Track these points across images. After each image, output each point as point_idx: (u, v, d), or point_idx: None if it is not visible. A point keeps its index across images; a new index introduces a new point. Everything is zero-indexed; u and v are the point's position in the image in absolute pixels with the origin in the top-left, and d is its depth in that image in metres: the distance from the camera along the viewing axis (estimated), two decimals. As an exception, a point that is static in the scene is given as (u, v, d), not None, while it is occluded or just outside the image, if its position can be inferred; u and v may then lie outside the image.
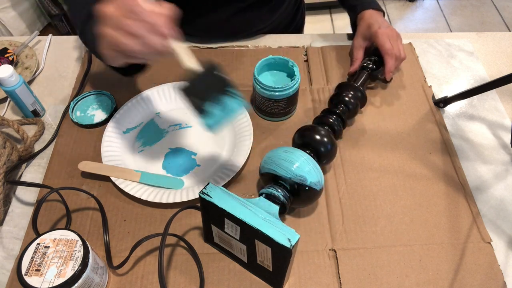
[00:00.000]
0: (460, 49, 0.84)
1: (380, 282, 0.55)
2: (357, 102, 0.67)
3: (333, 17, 2.24)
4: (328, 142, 0.60)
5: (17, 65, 0.79)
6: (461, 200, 0.63)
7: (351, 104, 0.66)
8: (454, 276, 0.55)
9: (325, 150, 0.60)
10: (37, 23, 1.58)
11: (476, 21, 2.24)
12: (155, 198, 0.60)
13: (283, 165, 0.55)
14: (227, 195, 0.49)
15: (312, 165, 0.55)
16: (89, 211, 0.61)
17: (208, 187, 0.50)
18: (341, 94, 0.67)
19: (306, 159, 0.55)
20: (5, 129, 0.71)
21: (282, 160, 0.55)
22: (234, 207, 0.48)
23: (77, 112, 0.72)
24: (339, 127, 0.64)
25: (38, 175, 0.65)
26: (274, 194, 0.54)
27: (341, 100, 0.66)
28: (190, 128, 0.70)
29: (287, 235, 0.45)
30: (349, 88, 0.68)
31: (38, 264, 0.46)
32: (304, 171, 0.54)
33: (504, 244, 0.59)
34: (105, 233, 0.57)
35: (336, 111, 0.65)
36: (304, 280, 0.55)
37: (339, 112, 0.65)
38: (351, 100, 0.66)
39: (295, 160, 0.55)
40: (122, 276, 0.55)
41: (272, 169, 0.56)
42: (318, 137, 0.60)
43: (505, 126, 0.72)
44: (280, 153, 0.56)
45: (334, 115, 0.65)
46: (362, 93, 0.68)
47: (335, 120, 0.64)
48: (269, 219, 0.47)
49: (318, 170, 0.55)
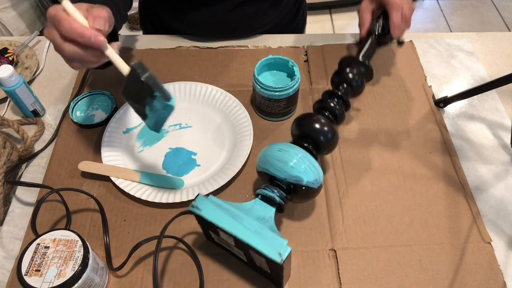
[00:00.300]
0: (460, 49, 0.84)
1: (380, 282, 0.55)
2: (362, 79, 0.61)
3: (333, 17, 2.24)
4: (328, 131, 0.56)
5: (17, 65, 0.79)
6: (461, 200, 0.63)
7: (355, 82, 0.60)
8: (454, 276, 0.55)
9: (324, 139, 0.56)
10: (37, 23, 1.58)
11: (476, 21, 2.24)
12: (155, 198, 0.60)
13: (277, 165, 0.52)
14: (217, 207, 0.48)
15: (308, 163, 0.52)
16: (89, 211, 0.61)
17: (198, 199, 0.49)
18: (343, 71, 0.61)
19: (302, 157, 0.52)
20: (5, 129, 0.71)
21: (276, 160, 0.52)
22: (224, 221, 0.47)
23: (77, 112, 0.72)
24: (340, 111, 0.59)
25: (38, 175, 0.65)
26: (270, 196, 0.52)
27: (343, 78, 0.61)
28: (190, 128, 0.70)
29: (278, 249, 0.44)
30: (352, 63, 0.61)
31: (38, 264, 0.46)
32: (300, 171, 0.51)
33: (504, 244, 0.59)
34: (105, 235, 0.57)
35: (337, 93, 0.59)
36: (304, 280, 0.55)
37: (341, 94, 0.59)
38: (355, 78, 0.60)
39: (289, 159, 0.52)
40: (122, 276, 0.55)
41: (267, 168, 0.54)
42: (317, 126, 0.56)
43: (505, 126, 0.72)
44: (274, 152, 0.53)
45: (335, 98, 0.60)
46: (367, 67, 0.62)
47: (337, 104, 0.59)
48: (260, 231, 0.46)
49: (315, 168, 0.53)
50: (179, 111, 0.72)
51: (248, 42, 0.84)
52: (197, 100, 0.73)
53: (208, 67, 0.79)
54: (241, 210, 0.50)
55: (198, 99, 0.73)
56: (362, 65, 0.62)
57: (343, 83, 0.61)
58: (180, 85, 0.73)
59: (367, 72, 0.62)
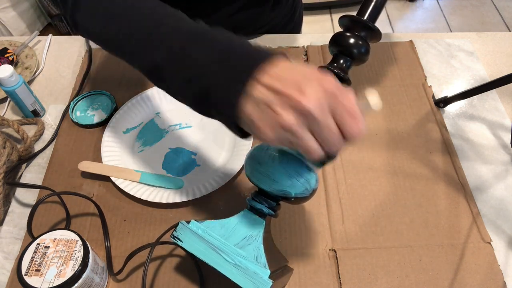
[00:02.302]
0: (460, 49, 0.84)
1: (380, 282, 0.55)
2: (366, 46, 0.49)
3: (333, 17, 2.24)
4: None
5: (17, 65, 0.79)
6: (461, 200, 0.63)
7: (357, 50, 0.48)
8: (454, 276, 0.55)
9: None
10: (37, 23, 1.58)
11: (476, 21, 2.24)
12: (155, 198, 0.60)
13: (262, 180, 0.47)
14: (198, 238, 0.45)
15: (295, 176, 0.45)
16: (89, 211, 0.61)
17: (178, 229, 0.46)
18: (342, 37, 0.50)
19: (287, 171, 0.45)
20: (5, 129, 0.71)
21: (260, 174, 0.46)
22: (205, 254, 0.45)
23: (77, 112, 0.72)
24: None
25: (38, 175, 0.65)
26: (258, 208, 0.48)
27: (342, 47, 0.50)
28: (190, 128, 0.70)
29: (258, 285, 0.43)
30: (354, 25, 0.50)
31: (38, 264, 0.46)
32: (286, 186, 0.45)
33: (504, 244, 0.59)
34: (106, 240, 0.57)
35: (333, 70, 0.48)
36: (304, 280, 0.55)
37: (337, 72, 0.48)
38: (357, 44, 0.48)
39: (273, 174, 0.45)
40: (122, 277, 0.55)
41: (251, 180, 0.49)
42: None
43: (505, 126, 0.72)
44: (256, 166, 0.47)
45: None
46: (372, 30, 0.49)
47: None
48: (241, 264, 0.44)
49: (303, 178, 0.46)
50: (179, 111, 0.72)
51: (248, 42, 0.84)
52: (197, 100, 0.73)
53: (208, 67, 0.79)
54: (226, 232, 0.47)
55: (198, 99, 0.73)
56: (366, 28, 0.49)
57: (342, 54, 0.50)
58: None
59: (372, 35, 0.50)
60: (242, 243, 0.46)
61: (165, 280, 0.55)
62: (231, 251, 0.45)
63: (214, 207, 0.61)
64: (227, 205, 0.62)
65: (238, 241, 0.46)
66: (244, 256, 0.44)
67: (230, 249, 0.45)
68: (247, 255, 0.45)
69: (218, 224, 0.48)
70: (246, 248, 0.46)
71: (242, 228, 0.48)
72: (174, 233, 0.47)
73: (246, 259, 0.44)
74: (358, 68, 0.79)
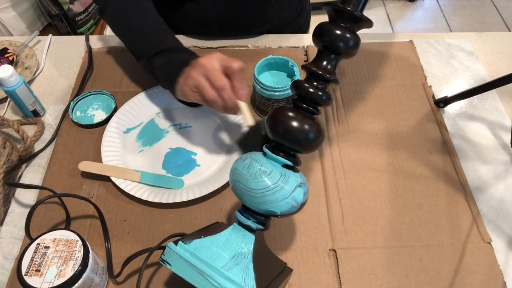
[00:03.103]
0: (460, 49, 0.84)
1: (380, 282, 0.55)
2: (355, 39, 0.45)
3: (333, 17, 2.23)
4: (307, 131, 0.45)
5: (17, 65, 0.79)
6: (461, 200, 0.63)
7: (344, 44, 0.45)
8: (454, 276, 0.55)
9: (305, 144, 0.45)
10: (37, 23, 1.58)
11: (476, 21, 2.24)
12: (155, 198, 0.60)
13: (246, 197, 0.45)
14: (184, 262, 0.45)
15: (280, 194, 0.43)
16: (89, 211, 0.61)
17: (166, 252, 0.45)
18: (325, 30, 0.45)
19: (270, 189, 0.43)
20: (5, 129, 0.71)
21: (245, 191, 0.45)
22: (192, 277, 0.44)
23: (77, 112, 0.72)
24: (323, 97, 0.45)
25: (38, 175, 0.65)
26: (245, 224, 0.47)
27: (326, 42, 0.46)
28: (190, 128, 0.70)
29: None
30: (337, 17, 0.45)
31: (38, 264, 0.46)
32: (270, 206, 0.44)
33: (504, 244, 0.59)
34: (106, 241, 0.57)
35: (316, 71, 0.45)
36: (304, 280, 0.55)
37: (321, 73, 0.45)
38: (344, 37, 0.44)
39: (256, 193, 0.44)
40: (123, 276, 0.55)
41: (236, 195, 0.47)
42: (293, 126, 0.44)
43: (505, 126, 0.72)
44: (239, 184, 0.45)
45: (313, 79, 0.46)
46: (357, 18, 0.45)
47: (316, 87, 0.46)
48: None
49: (290, 195, 0.44)
50: (179, 111, 0.72)
51: (248, 42, 0.84)
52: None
53: (208, 67, 0.79)
54: (215, 251, 0.45)
55: (198, 99, 0.73)
56: (353, 18, 0.45)
57: (327, 50, 0.46)
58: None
59: (361, 25, 0.46)
60: (231, 263, 0.44)
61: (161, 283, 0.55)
62: (218, 274, 0.43)
63: (214, 207, 0.61)
64: (227, 205, 0.62)
65: (226, 261, 0.44)
66: (231, 280, 0.43)
67: (217, 272, 0.43)
68: (235, 278, 0.43)
69: (208, 242, 0.46)
70: (233, 269, 0.44)
71: (232, 244, 0.46)
72: (162, 257, 0.46)
73: (233, 283, 0.43)
74: (358, 68, 0.79)
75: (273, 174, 0.44)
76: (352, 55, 0.47)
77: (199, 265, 0.44)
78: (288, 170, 0.46)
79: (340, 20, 0.45)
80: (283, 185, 0.44)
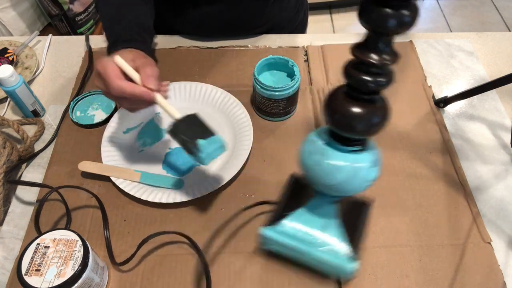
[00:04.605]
0: (460, 49, 0.84)
1: (380, 282, 0.55)
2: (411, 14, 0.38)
3: (333, 17, 2.24)
4: (370, 117, 0.41)
5: (17, 65, 0.79)
6: (461, 200, 0.63)
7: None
8: (454, 276, 0.55)
9: (373, 131, 0.42)
10: (37, 23, 1.58)
11: (476, 21, 2.24)
12: (155, 198, 0.60)
13: (321, 187, 0.45)
14: (281, 245, 0.52)
15: (356, 182, 0.44)
16: (89, 211, 0.61)
17: (262, 239, 0.52)
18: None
19: (344, 181, 0.43)
20: (5, 129, 0.71)
21: (319, 183, 0.45)
22: (293, 255, 0.52)
23: (77, 112, 0.72)
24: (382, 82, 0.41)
25: (38, 175, 0.65)
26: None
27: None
28: (190, 128, 0.70)
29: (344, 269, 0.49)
30: None
31: (38, 264, 0.46)
32: (347, 193, 0.46)
33: (504, 244, 0.59)
34: (105, 230, 0.57)
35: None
36: (304, 280, 0.55)
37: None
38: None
39: (331, 186, 0.44)
40: (122, 276, 0.55)
41: (311, 183, 0.48)
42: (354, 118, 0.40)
43: (505, 126, 0.72)
44: (313, 177, 0.45)
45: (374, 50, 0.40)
46: None
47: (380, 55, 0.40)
48: (325, 254, 0.49)
49: (366, 180, 0.45)
50: (179, 111, 0.72)
51: (248, 42, 0.84)
52: (197, 100, 0.73)
53: (208, 67, 0.79)
54: (303, 227, 0.51)
55: (198, 99, 0.73)
56: None
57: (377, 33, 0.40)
58: (180, 85, 0.73)
59: None
60: (321, 234, 0.50)
61: (171, 279, 0.55)
62: (314, 247, 0.50)
63: (214, 207, 0.61)
64: (227, 205, 0.62)
65: (317, 233, 0.50)
66: (327, 249, 0.49)
67: (313, 245, 0.50)
68: (329, 246, 0.49)
69: (295, 218, 0.51)
70: (326, 238, 0.50)
71: (316, 216, 0.51)
72: (261, 245, 0.54)
73: (329, 251, 0.49)
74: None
75: (344, 167, 0.43)
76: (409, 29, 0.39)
77: (295, 243, 0.50)
78: (359, 155, 0.44)
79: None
80: (357, 173, 0.43)
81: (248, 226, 0.59)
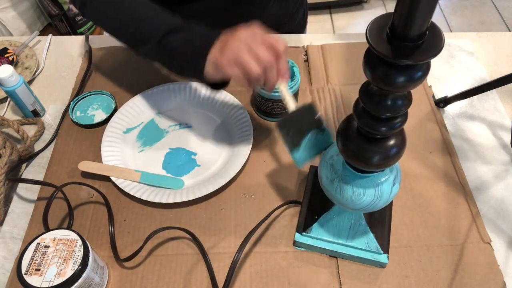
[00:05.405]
0: (460, 49, 0.84)
1: (380, 282, 0.55)
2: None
3: (333, 17, 2.24)
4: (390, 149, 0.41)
5: (17, 65, 0.79)
6: (461, 200, 0.63)
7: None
8: (453, 276, 0.55)
9: (393, 162, 0.42)
10: (37, 23, 1.58)
11: (476, 21, 2.24)
12: (155, 198, 0.60)
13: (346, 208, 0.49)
14: (316, 248, 0.56)
15: (379, 204, 0.46)
16: (90, 211, 0.61)
17: (297, 243, 0.56)
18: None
19: (369, 205, 0.45)
20: (5, 129, 0.71)
21: (343, 206, 0.48)
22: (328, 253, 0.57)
23: (77, 112, 0.72)
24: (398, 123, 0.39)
25: (38, 175, 0.65)
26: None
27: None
28: (190, 128, 0.70)
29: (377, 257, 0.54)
30: None
31: (38, 263, 0.46)
32: (371, 210, 0.47)
33: (504, 244, 0.59)
34: (110, 225, 0.57)
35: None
36: (304, 280, 0.55)
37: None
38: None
39: (357, 210, 0.47)
40: (122, 276, 0.55)
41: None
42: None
43: (505, 126, 0.72)
44: (336, 201, 0.48)
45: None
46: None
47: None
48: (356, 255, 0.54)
49: (389, 199, 0.46)
50: (179, 111, 0.72)
51: (248, 42, 0.84)
52: (197, 100, 0.73)
53: (208, 67, 0.79)
54: (333, 229, 0.55)
55: (198, 99, 0.73)
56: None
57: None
58: (180, 85, 0.73)
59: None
60: (351, 234, 0.55)
61: (176, 278, 0.55)
62: (345, 247, 0.54)
63: (214, 207, 0.61)
64: (227, 205, 0.62)
65: (346, 234, 0.54)
66: (356, 248, 0.54)
67: (344, 245, 0.54)
68: (359, 245, 0.54)
69: (324, 221, 0.55)
70: (355, 238, 0.54)
71: (345, 217, 0.55)
72: (295, 247, 0.57)
73: (359, 250, 0.54)
74: (358, 68, 0.79)
75: (367, 193, 0.45)
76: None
77: (327, 246, 0.55)
78: (381, 176, 0.45)
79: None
80: (380, 196, 0.45)
81: (249, 226, 0.59)
